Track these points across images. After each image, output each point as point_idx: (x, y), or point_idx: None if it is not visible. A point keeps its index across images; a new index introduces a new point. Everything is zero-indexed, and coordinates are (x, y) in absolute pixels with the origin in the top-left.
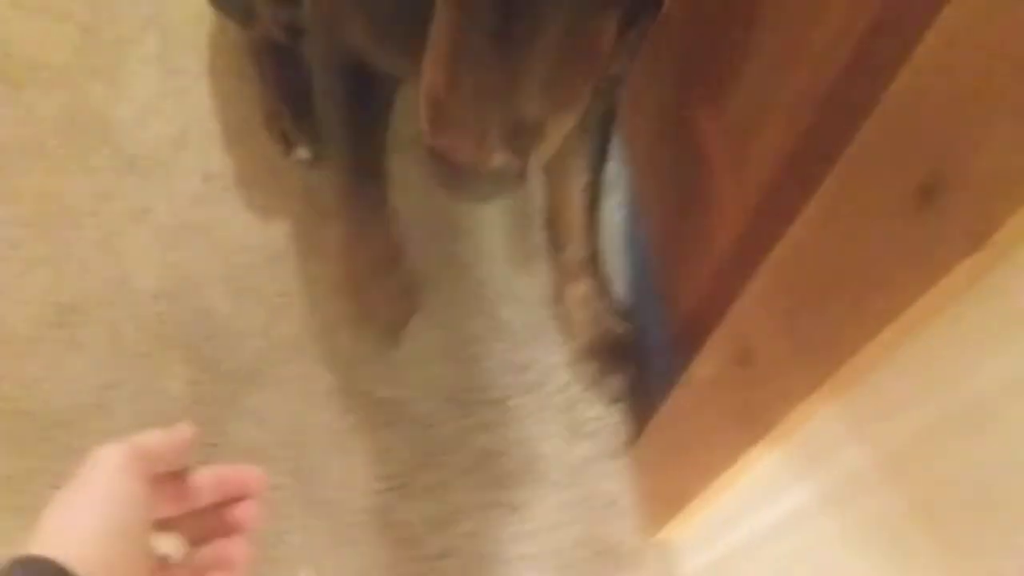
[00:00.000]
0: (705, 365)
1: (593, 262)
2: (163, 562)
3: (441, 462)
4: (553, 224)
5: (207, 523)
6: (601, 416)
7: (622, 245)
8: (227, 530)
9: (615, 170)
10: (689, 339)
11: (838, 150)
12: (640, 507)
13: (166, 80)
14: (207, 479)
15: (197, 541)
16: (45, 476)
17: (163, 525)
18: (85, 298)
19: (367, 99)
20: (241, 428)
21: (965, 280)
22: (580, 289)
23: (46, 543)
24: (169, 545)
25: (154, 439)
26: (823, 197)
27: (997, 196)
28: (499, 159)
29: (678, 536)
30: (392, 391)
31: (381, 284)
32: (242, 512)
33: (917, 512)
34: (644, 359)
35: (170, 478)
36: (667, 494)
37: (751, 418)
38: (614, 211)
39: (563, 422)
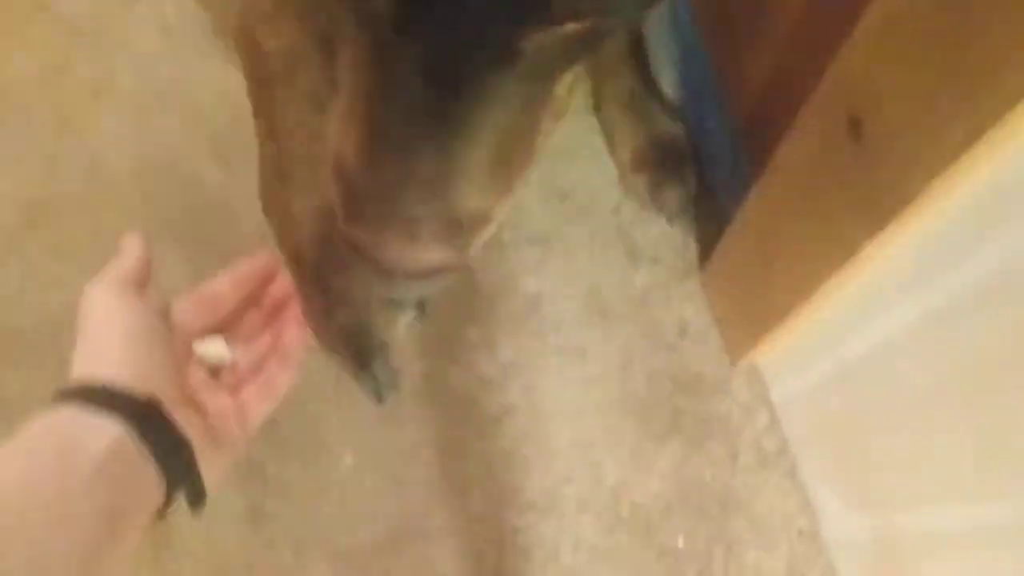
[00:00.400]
0: (798, 148)
1: (635, 54)
2: (216, 369)
3: (488, 314)
4: None
5: (251, 332)
6: (663, 236)
7: (667, 31)
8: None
9: None
10: (756, 133)
11: None
12: (720, 331)
13: None
14: (225, 284)
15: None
16: (46, 391)
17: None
18: (57, 193)
19: None
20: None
21: None
22: (622, 88)
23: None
24: (214, 350)
25: (123, 262)
26: None
27: None
28: (434, 256)
29: (767, 358)
30: None
31: None
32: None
33: None
34: (705, 163)
35: (191, 296)
36: (751, 314)
37: (862, 207)
38: None
39: (619, 248)
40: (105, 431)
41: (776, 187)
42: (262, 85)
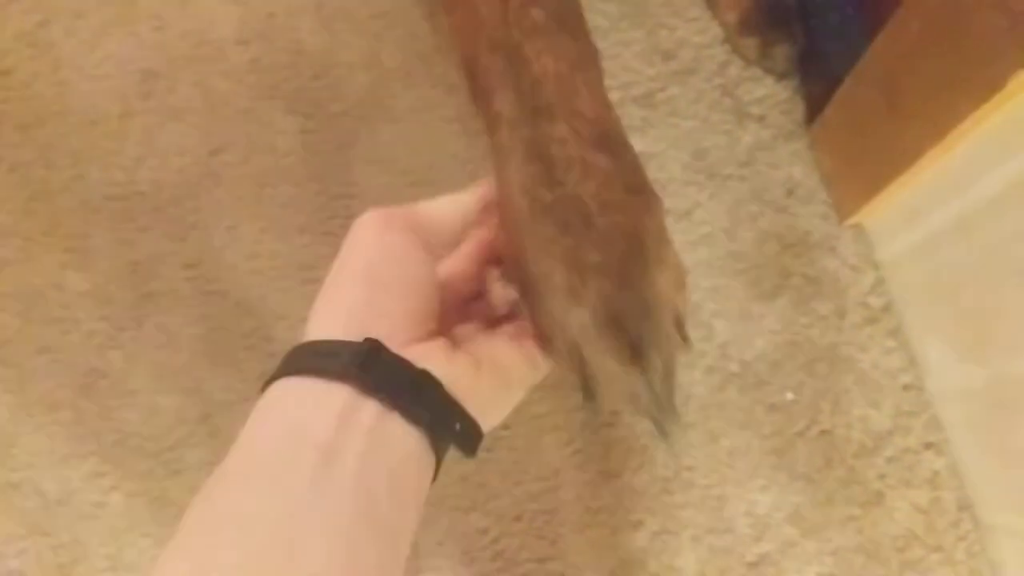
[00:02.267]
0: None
1: None
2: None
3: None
4: None
5: None
6: (769, 95)
7: None
8: None
9: None
10: None
11: None
12: (828, 190)
13: None
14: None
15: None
16: (171, 258)
17: None
18: (168, 60)
19: None
20: (368, 172)
21: None
22: None
23: (318, 328)
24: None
25: (424, 207)
26: None
27: None
28: None
29: (874, 219)
30: None
31: None
32: None
33: None
34: (812, 22)
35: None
36: (862, 172)
37: (1004, 46)
38: None
39: (725, 108)
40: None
41: (905, 30)
42: None
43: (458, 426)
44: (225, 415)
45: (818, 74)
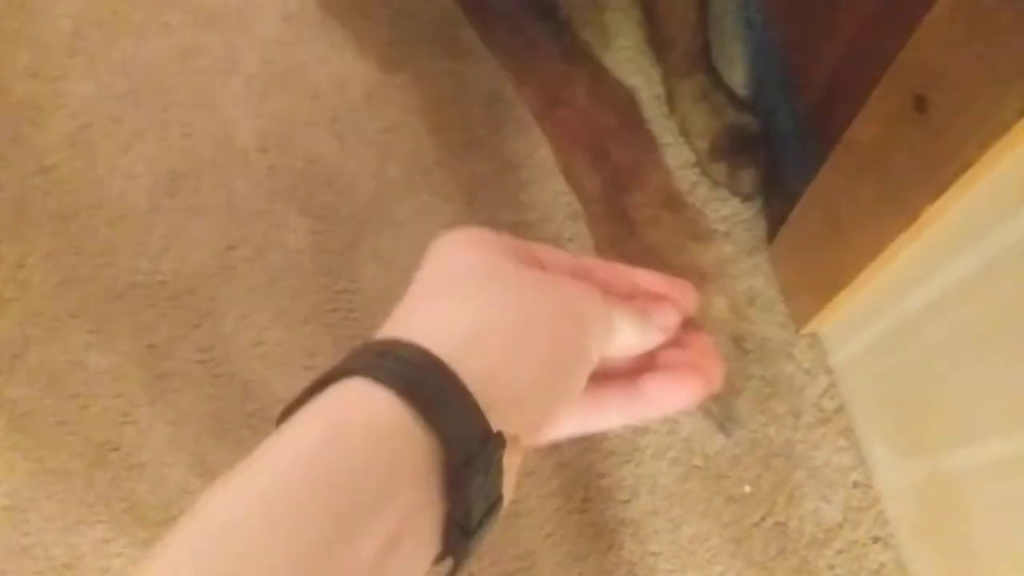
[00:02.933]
0: (867, 126)
1: (703, 55)
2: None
3: None
4: (660, 18)
5: None
6: (734, 213)
7: (734, 27)
8: None
9: None
10: (822, 119)
11: None
12: (785, 301)
13: None
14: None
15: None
16: (185, 342)
17: None
18: (194, 162)
19: None
20: (371, 271)
21: None
22: (694, 86)
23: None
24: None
25: (537, 247)
26: None
27: None
28: None
29: (827, 326)
30: (515, 215)
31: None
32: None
33: None
34: (774, 149)
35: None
36: (815, 284)
37: (925, 174)
38: None
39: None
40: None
41: (847, 161)
42: None
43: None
44: None
45: (780, 196)
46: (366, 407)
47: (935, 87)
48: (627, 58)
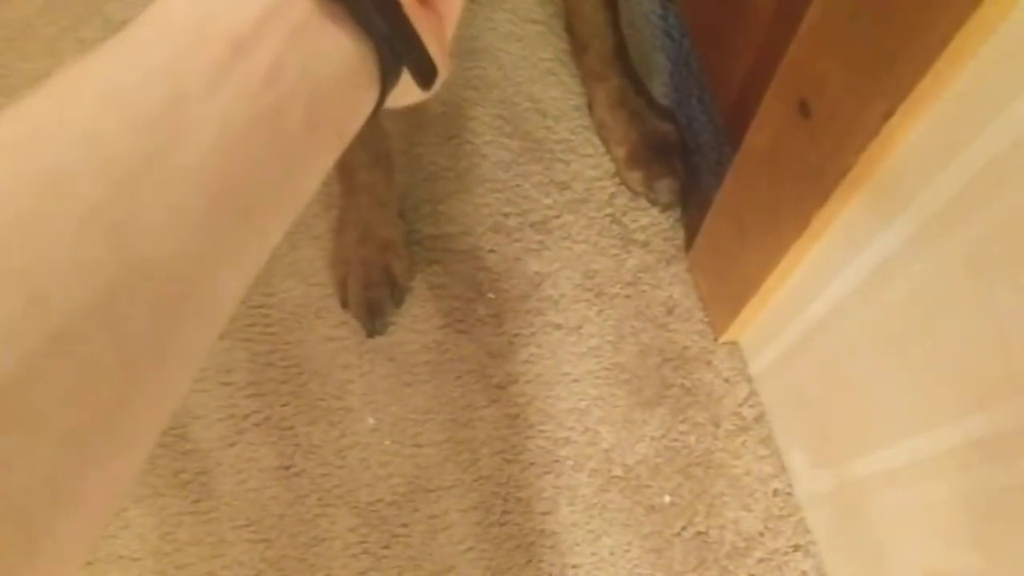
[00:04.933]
0: (761, 131)
1: (620, 57)
2: None
3: (493, 292)
4: (572, 22)
5: None
6: (653, 223)
7: (656, 38)
8: None
9: None
10: (739, 129)
11: None
12: (704, 309)
13: None
14: None
15: None
16: None
17: None
18: None
19: None
20: (287, 285)
21: None
22: (611, 90)
23: None
24: None
25: None
26: None
27: None
28: None
29: (745, 334)
30: (436, 228)
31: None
32: None
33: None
34: (692, 158)
35: None
36: (729, 292)
37: (812, 180)
38: (643, 1)
39: (613, 234)
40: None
41: (746, 168)
42: None
43: (416, 54)
44: (133, 509)
45: (697, 205)
46: None
47: (815, 92)
48: (547, 69)
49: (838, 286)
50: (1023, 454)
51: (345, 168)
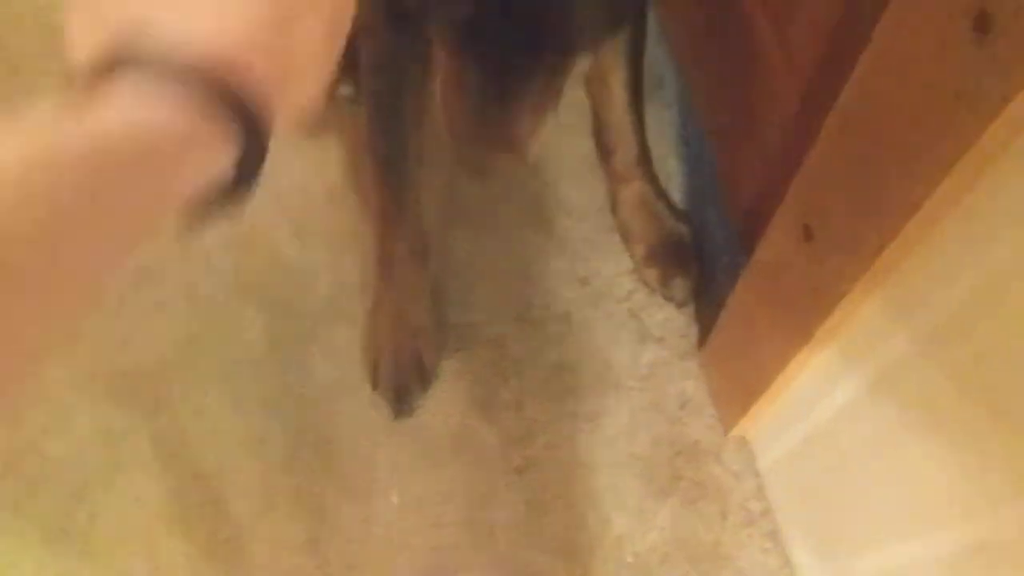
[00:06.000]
0: (769, 248)
1: (644, 163)
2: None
3: (516, 380)
4: (600, 128)
5: None
6: (668, 320)
7: (675, 144)
8: None
9: (662, 67)
10: (751, 233)
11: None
12: (714, 405)
13: None
14: None
15: None
16: (142, 430)
17: None
18: (158, 259)
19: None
20: (322, 364)
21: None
22: (634, 192)
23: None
24: None
25: None
26: (872, 49)
27: None
28: (502, 158)
29: (754, 430)
30: (462, 316)
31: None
32: None
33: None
34: (707, 258)
35: None
36: (739, 390)
37: (814, 297)
38: (664, 110)
39: (630, 329)
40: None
41: (754, 280)
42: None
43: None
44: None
45: (710, 304)
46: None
47: (818, 220)
48: (574, 170)
49: (841, 392)
50: (1018, 562)
51: (384, 259)
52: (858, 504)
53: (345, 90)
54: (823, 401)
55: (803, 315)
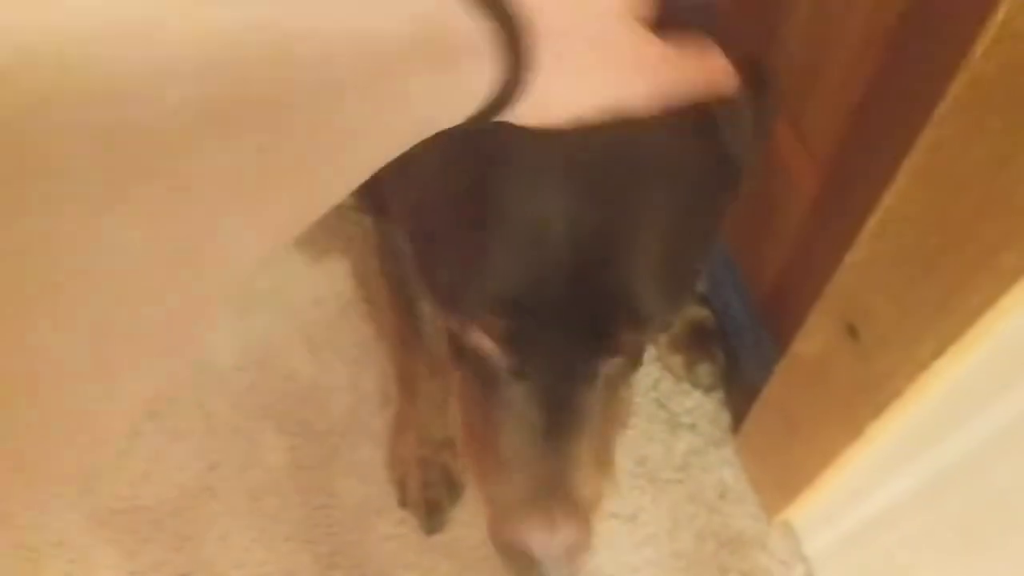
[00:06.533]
0: (809, 342)
1: None
2: None
3: None
4: None
5: None
6: (697, 406)
7: None
8: None
9: None
10: (774, 314)
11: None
12: (756, 492)
13: None
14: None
15: None
16: (167, 567)
17: None
18: (173, 385)
19: None
20: (347, 485)
21: None
22: None
23: None
24: None
25: None
26: (915, 158)
27: None
28: (563, 536)
29: (800, 516)
30: None
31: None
32: None
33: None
34: (731, 342)
35: None
36: (783, 477)
37: (863, 395)
38: None
39: (661, 419)
40: None
41: (793, 373)
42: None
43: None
44: None
45: (740, 388)
46: None
47: (863, 319)
48: None
49: (893, 488)
50: None
51: (406, 375)
52: None
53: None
54: (873, 494)
55: (850, 410)
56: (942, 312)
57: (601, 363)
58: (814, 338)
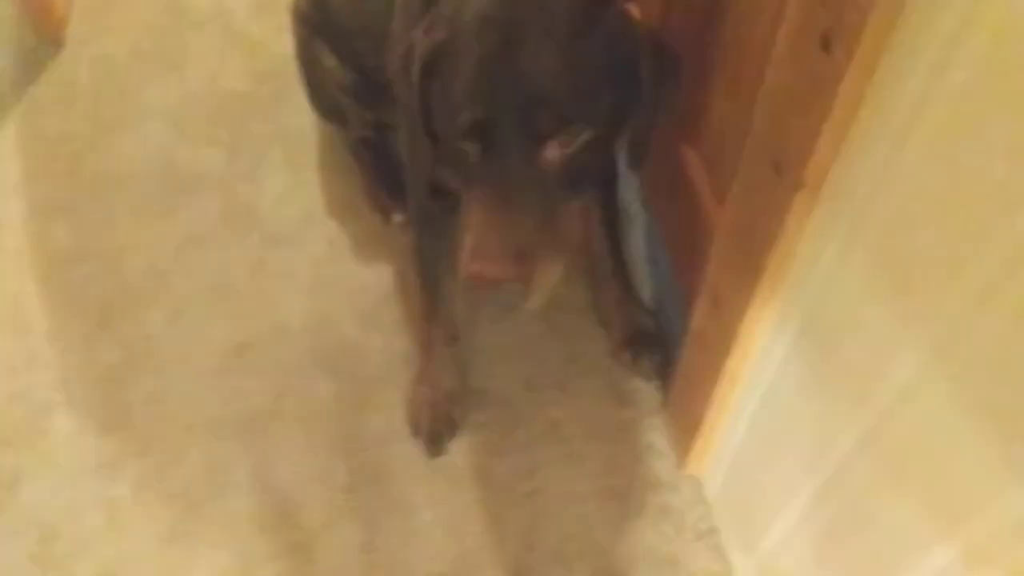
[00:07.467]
0: (696, 317)
1: (619, 274)
2: None
3: (522, 431)
4: (587, 251)
5: None
6: (640, 388)
7: (646, 264)
8: None
9: (637, 210)
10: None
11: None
12: (673, 450)
13: (293, 176)
14: None
15: None
16: (242, 460)
17: None
18: (256, 337)
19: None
20: (376, 418)
21: None
22: (612, 295)
23: None
24: None
25: None
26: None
27: None
28: (512, 273)
29: (701, 469)
30: (483, 382)
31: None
32: None
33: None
34: (670, 344)
35: None
36: (685, 436)
37: (723, 344)
38: (640, 239)
39: (611, 395)
40: None
41: (689, 348)
42: None
43: None
44: (260, 564)
45: (671, 376)
46: None
47: (718, 295)
48: (564, 280)
49: (748, 415)
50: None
51: (424, 342)
52: (760, 501)
53: (399, 218)
54: (739, 425)
55: (717, 360)
56: (752, 273)
57: (538, 146)
58: (699, 312)
